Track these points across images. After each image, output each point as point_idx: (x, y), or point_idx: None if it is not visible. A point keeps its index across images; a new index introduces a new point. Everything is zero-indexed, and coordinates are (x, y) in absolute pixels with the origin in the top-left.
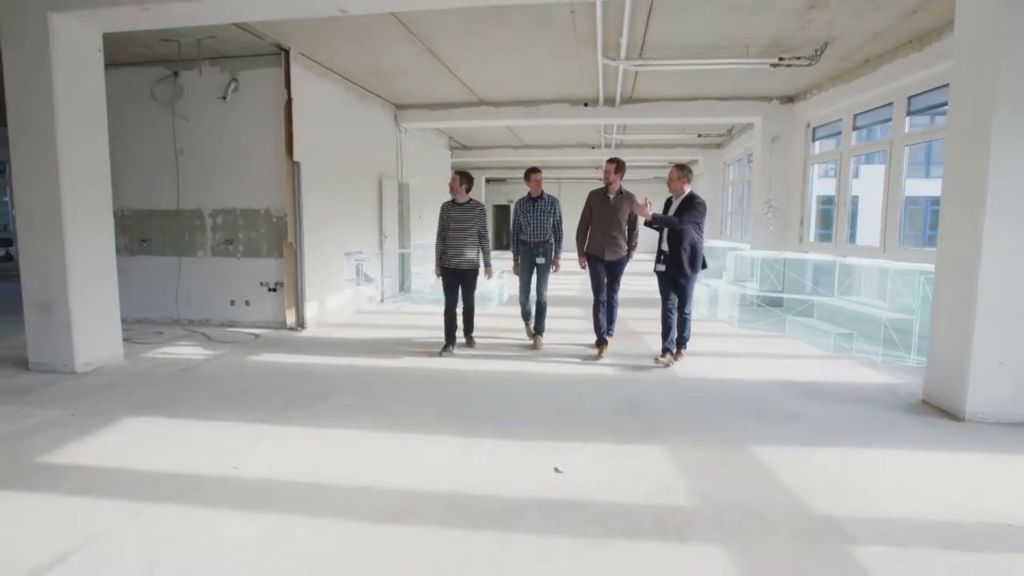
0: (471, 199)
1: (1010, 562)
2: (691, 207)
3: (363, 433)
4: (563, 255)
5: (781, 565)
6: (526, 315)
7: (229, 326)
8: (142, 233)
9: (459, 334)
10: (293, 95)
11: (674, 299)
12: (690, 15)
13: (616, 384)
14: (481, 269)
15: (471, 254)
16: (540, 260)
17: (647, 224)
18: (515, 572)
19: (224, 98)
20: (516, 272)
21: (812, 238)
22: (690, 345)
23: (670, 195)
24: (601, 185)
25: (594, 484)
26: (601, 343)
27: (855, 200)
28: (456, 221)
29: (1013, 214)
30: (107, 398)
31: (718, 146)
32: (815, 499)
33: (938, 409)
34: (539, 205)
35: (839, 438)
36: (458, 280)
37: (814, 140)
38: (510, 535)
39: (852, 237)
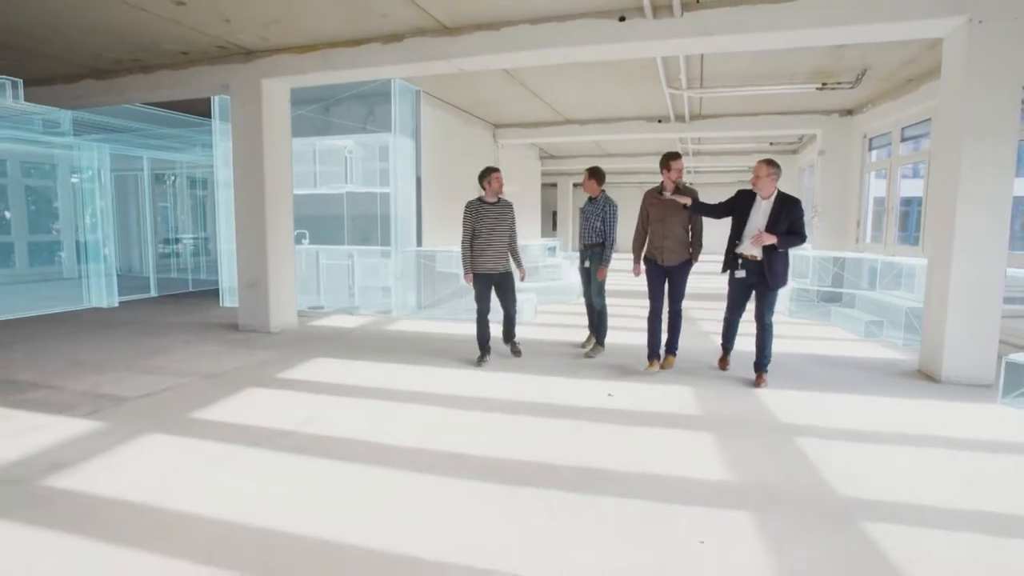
0: (500, 198)
1: (902, 452)
2: (797, 211)
3: (476, 372)
4: (614, 260)
5: (740, 440)
6: (592, 323)
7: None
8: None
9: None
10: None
11: (741, 311)
12: (737, 54)
13: None
14: (515, 271)
15: (506, 257)
16: (587, 264)
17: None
18: (582, 437)
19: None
20: None
21: (868, 239)
22: (740, 328)
23: (740, 189)
24: (661, 184)
25: (634, 403)
26: (653, 357)
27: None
28: (490, 223)
29: (976, 218)
30: (297, 347)
31: (794, 152)
32: (785, 416)
33: (925, 375)
34: (592, 207)
35: (828, 388)
36: (493, 286)
37: (871, 150)
38: (577, 422)
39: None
